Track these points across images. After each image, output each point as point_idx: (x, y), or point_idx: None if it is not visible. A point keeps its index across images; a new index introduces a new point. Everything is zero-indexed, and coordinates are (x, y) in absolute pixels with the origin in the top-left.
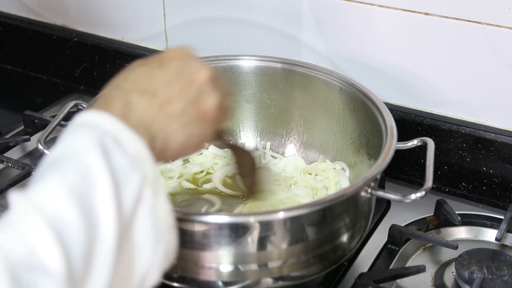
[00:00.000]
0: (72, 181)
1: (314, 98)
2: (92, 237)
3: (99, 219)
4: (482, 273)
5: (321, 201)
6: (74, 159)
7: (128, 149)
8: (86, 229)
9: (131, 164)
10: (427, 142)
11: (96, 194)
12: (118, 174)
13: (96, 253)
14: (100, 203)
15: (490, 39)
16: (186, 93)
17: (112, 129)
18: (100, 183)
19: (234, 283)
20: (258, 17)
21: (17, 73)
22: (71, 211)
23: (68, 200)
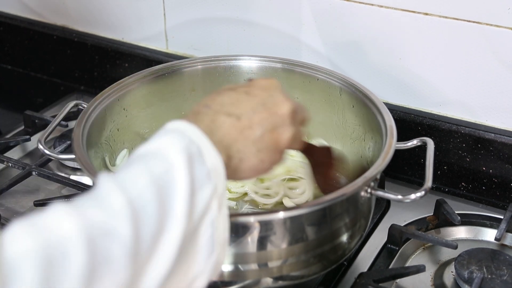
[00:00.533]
0: (156, 173)
1: (314, 98)
2: (162, 226)
3: (172, 212)
4: (482, 272)
5: (321, 201)
6: (161, 156)
7: (207, 161)
8: (158, 216)
9: (207, 175)
10: (426, 142)
11: (175, 190)
12: (196, 180)
13: (163, 241)
14: (176, 199)
15: (489, 39)
16: (266, 122)
17: (198, 140)
18: (179, 182)
19: (234, 283)
20: (258, 17)
21: (17, 73)
22: (150, 197)
23: (149, 187)
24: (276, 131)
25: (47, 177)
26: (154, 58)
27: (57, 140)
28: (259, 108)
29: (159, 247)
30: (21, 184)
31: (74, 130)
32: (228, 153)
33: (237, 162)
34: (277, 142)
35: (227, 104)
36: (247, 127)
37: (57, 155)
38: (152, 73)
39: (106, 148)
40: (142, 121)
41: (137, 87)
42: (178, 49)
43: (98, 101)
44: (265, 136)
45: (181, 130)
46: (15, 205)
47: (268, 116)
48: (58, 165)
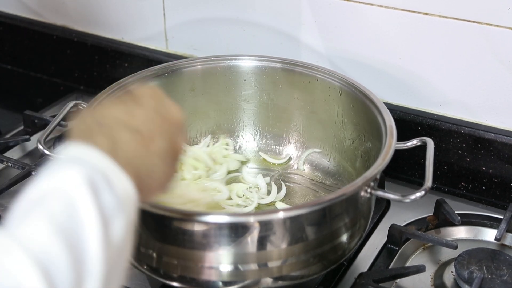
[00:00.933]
0: (59, 218)
1: (314, 98)
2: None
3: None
4: (482, 272)
5: (321, 201)
6: (61, 194)
7: (117, 188)
8: (73, 267)
9: (118, 203)
10: (426, 142)
11: (84, 231)
12: (106, 213)
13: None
14: (89, 241)
15: (489, 39)
16: (165, 130)
17: (101, 166)
18: (88, 221)
19: (234, 283)
20: (258, 17)
21: (17, 73)
22: (58, 247)
23: (55, 237)
24: (175, 139)
25: None
26: (154, 58)
27: (57, 140)
28: (154, 117)
29: None
30: (21, 184)
31: None
32: (138, 174)
33: (147, 181)
34: (176, 151)
35: (121, 117)
36: (149, 139)
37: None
38: (152, 73)
39: None
40: None
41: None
42: (178, 49)
43: (98, 101)
44: (167, 147)
45: (79, 158)
46: None
47: (164, 124)
48: None
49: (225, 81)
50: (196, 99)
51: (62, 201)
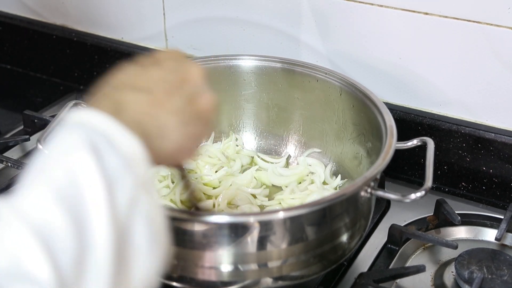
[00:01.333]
0: (60, 185)
1: (314, 98)
2: (83, 244)
3: (91, 224)
4: (482, 273)
5: (321, 201)
6: (62, 161)
7: (121, 148)
8: (76, 236)
9: (124, 165)
10: (427, 141)
11: (87, 198)
12: (111, 176)
13: (90, 260)
14: (91, 208)
15: (490, 39)
16: (183, 89)
17: (104, 127)
18: (90, 186)
19: (234, 283)
20: (258, 17)
21: (16, 72)
22: (59, 217)
23: (56, 205)
24: (195, 99)
25: None
26: None
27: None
28: (170, 77)
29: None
30: None
31: None
32: (145, 132)
33: (158, 141)
34: (199, 112)
35: (133, 78)
36: (161, 98)
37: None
38: None
39: None
40: None
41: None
42: None
43: None
44: (184, 106)
45: (80, 122)
46: None
47: (181, 83)
48: None
49: (225, 81)
50: None
51: (62, 167)
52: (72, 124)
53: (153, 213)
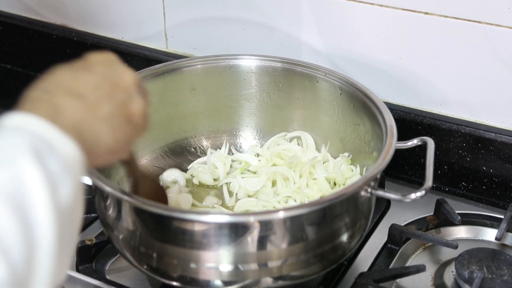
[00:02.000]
0: (6, 188)
1: (314, 97)
2: (32, 242)
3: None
4: (482, 272)
5: (321, 201)
6: (6, 164)
7: (61, 152)
8: (24, 235)
9: (64, 167)
10: (427, 141)
11: (32, 198)
12: (53, 177)
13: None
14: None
15: (490, 39)
16: (114, 96)
17: (43, 132)
18: (35, 187)
19: (234, 283)
20: (258, 16)
21: (16, 72)
22: (7, 218)
23: (3, 207)
24: (126, 104)
25: None
26: (154, 57)
27: None
28: (102, 83)
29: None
30: None
31: None
32: (80, 136)
33: (92, 144)
34: (130, 116)
35: (65, 83)
36: (94, 105)
37: None
38: (151, 72)
39: None
40: None
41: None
42: (178, 49)
43: None
44: (116, 112)
45: (19, 126)
46: None
47: (113, 90)
48: None
49: (225, 80)
50: (196, 99)
51: (7, 171)
52: (12, 128)
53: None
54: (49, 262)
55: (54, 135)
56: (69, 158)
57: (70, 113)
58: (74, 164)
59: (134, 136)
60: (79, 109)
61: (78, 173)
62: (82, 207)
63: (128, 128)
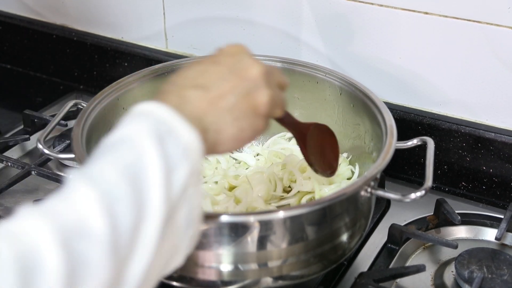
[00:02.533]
0: (126, 162)
1: (314, 97)
2: (140, 215)
3: (149, 199)
4: (482, 272)
5: (321, 201)
6: (130, 143)
7: (182, 138)
8: (135, 206)
9: (183, 153)
10: (427, 141)
11: (148, 176)
12: (170, 160)
13: (143, 230)
14: (151, 185)
15: (489, 39)
16: (238, 88)
17: (167, 118)
18: (152, 167)
19: (234, 283)
20: (258, 16)
21: (16, 72)
22: (123, 187)
23: (121, 177)
24: (250, 95)
25: (47, 177)
26: (154, 57)
27: (57, 139)
28: (228, 75)
29: (140, 239)
30: (21, 183)
31: (73, 130)
32: (203, 126)
33: (215, 134)
34: (254, 107)
35: (193, 77)
36: (218, 96)
37: (56, 154)
38: (151, 72)
39: None
40: None
41: (137, 87)
42: (178, 48)
43: (97, 101)
44: (239, 103)
45: (147, 112)
46: (14, 204)
47: (238, 82)
48: (58, 164)
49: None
50: None
51: (130, 148)
52: (138, 114)
53: (195, 198)
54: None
55: (177, 122)
56: (189, 144)
57: (194, 104)
58: (193, 151)
59: (261, 124)
60: (203, 101)
61: (196, 160)
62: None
63: (253, 118)
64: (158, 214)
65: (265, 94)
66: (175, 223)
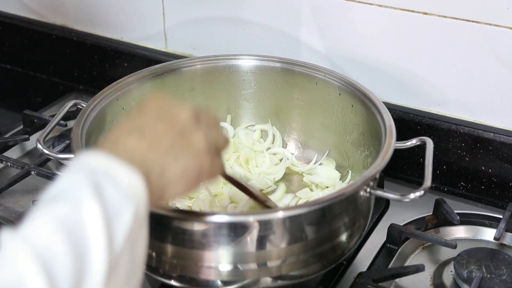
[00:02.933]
0: (61, 215)
1: (313, 97)
2: (81, 271)
3: (89, 252)
4: (481, 272)
5: (320, 201)
6: (64, 196)
7: (122, 182)
8: (74, 263)
9: (125, 197)
10: (426, 141)
11: (87, 228)
12: (110, 208)
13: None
14: (91, 237)
15: (489, 39)
16: (172, 129)
17: (104, 164)
18: (90, 217)
19: (233, 282)
20: (257, 16)
21: (16, 72)
22: (60, 244)
23: (57, 234)
24: (186, 135)
25: (46, 177)
26: (153, 57)
27: (56, 139)
28: (159, 120)
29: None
30: (20, 183)
31: (73, 130)
32: (145, 169)
33: (159, 177)
34: (193, 147)
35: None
36: (155, 139)
37: (56, 154)
38: (151, 72)
39: None
40: None
41: (136, 87)
42: (178, 49)
43: (97, 101)
44: (177, 143)
45: (82, 162)
46: (14, 204)
47: (171, 124)
48: (57, 164)
49: (224, 80)
50: (195, 99)
51: (65, 201)
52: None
53: (141, 245)
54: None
55: (114, 165)
56: (131, 187)
57: (132, 148)
58: (136, 194)
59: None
60: (140, 144)
61: (140, 204)
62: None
63: (194, 157)
64: (100, 266)
65: (199, 134)
66: (118, 272)
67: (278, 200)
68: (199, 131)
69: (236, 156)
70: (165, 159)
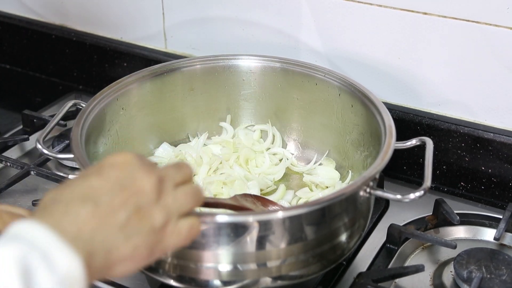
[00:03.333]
0: None
1: (313, 98)
2: None
3: None
4: (481, 272)
5: (320, 201)
6: None
7: (58, 267)
8: None
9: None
10: (426, 141)
11: None
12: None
13: None
14: None
15: (489, 39)
16: (129, 203)
17: (43, 242)
18: None
19: (233, 283)
20: (257, 16)
21: (16, 72)
22: None
23: None
24: (142, 211)
25: (46, 177)
26: (153, 57)
27: (56, 139)
28: (117, 189)
29: None
30: (20, 183)
31: (72, 130)
32: (90, 248)
33: (104, 255)
34: (148, 223)
35: (80, 190)
36: (108, 212)
37: (55, 154)
38: (150, 72)
39: (105, 147)
40: (141, 121)
41: (136, 87)
42: (177, 49)
43: (96, 101)
44: (131, 219)
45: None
46: (13, 204)
47: (129, 196)
48: (57, 164)
49: (224, 80)
50: (195, 99)
51: None
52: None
53: None
54: None
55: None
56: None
57: (82, 221)
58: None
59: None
60: (92, 217)
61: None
62: None
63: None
64: None
65: (156, 209)
66: None
67: (278, 200)
68: (158, 206)
69: (236, 156)
70: (115, 238)
